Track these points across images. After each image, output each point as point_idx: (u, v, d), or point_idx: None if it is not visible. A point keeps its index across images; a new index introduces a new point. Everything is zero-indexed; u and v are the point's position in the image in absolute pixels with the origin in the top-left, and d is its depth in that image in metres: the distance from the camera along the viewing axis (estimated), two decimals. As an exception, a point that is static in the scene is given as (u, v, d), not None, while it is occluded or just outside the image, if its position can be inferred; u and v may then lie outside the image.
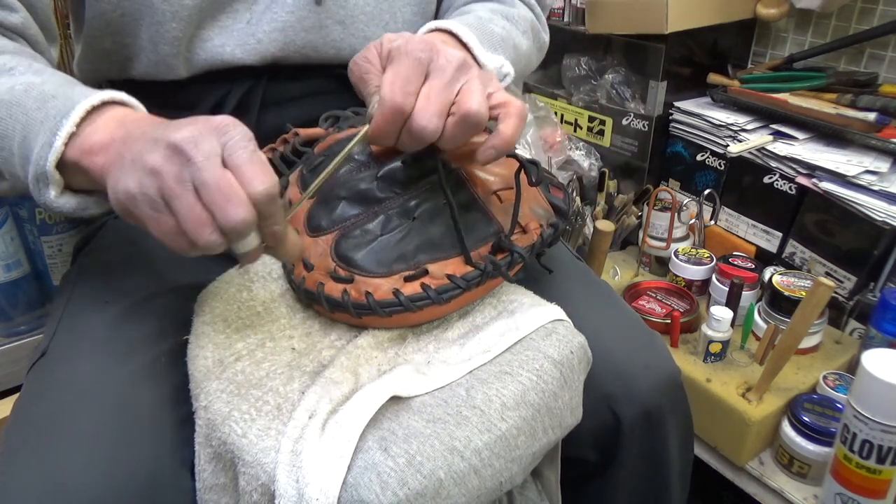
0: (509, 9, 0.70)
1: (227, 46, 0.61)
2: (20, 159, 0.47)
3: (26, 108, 0.46)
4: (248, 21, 0.61)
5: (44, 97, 0.46)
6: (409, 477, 0.40)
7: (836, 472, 0.79)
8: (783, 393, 0.92)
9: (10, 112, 0.47)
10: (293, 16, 0.62)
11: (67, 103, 0.45)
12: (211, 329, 0.50)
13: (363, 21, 0.66)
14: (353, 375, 0.48)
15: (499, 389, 0.46)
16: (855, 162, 1.01)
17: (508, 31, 0.67)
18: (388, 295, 0.49)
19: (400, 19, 0.69)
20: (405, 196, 0.52)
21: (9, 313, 1.13)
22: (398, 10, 0.68)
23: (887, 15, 1.12)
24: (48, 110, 0.46)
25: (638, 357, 0.59)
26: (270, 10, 0.62)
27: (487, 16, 0.66)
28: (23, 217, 1.09)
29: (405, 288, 0.49)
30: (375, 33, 0.67)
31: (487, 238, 0.52)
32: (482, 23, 0.64)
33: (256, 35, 0.62)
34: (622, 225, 1.25)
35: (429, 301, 0.49)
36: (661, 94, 1.23)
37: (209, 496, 0.46)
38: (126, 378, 0.49)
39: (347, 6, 0.65)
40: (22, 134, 0.46)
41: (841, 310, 1.04)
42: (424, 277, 0.50)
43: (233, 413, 0.44)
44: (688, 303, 1.10)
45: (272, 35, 0.62)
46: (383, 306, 0.49)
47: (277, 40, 0.62)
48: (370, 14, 0.66)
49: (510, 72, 0.62)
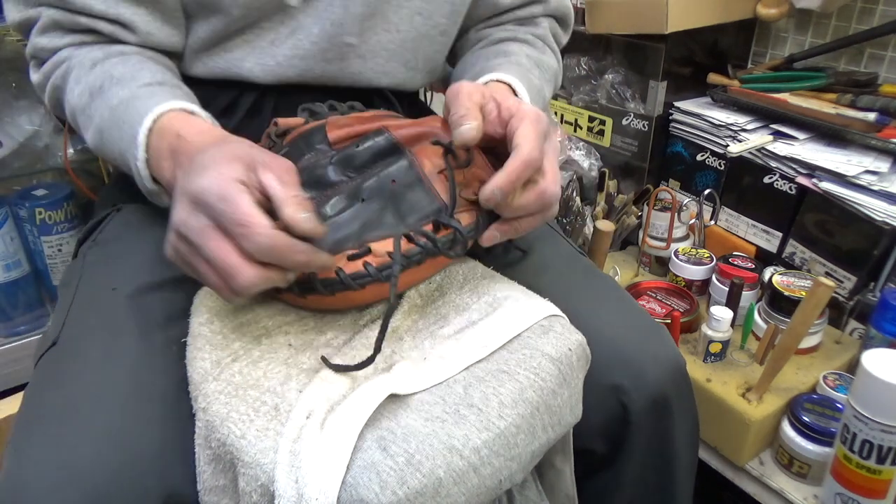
0: (540, 55, 0.73)
1: (247, 62, 0.63)
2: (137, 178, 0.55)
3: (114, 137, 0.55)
4: (272, 42, 0.62)
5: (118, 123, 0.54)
6: (409, 476, 0.40)
7: (836, 472, 0.79)
8: (783, 393, 0.92)
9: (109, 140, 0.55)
10: (316, 46, 0.63)
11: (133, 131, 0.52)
12: (207, 329, 0.50)
13: (384, 57, 0.67)
14: (350, 375, 0.48)
15: (496, 388, 0.46)
16: (855, 162, 1.01)
17: (540, 80, 0.69)
18: (331, 274, 0.49)
19: (421, 58, 0.70)
20: (357, 179, 0.53)
21: (9, 313, 1.13)
22: (421, 50, 0.69)
23: (887, 15, 1.12)
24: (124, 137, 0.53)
25: (645, 348, 0.59)
26: (295, 35, 0.62)
27: (527, 63, 0.68)
28: (23, 217, 1.10)
29: (347, 267, 0.49)
30: (395, 69, 0.68)
31: (430, 216, 0.52)
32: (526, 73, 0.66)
33: (277, 58, 0.63)
34: (622, 225, 1.25)
35: (369, 279, 0.49)
36: (661, 94, 1.23)
37: (210, 498, 0.46)
38: (136, 365, 0.49)
39: (370, 42, 0.65)
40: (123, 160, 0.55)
41: (841, 310, 1.04)
42: (367, 256, 0.50)
43: (231, 414, 0.44)
44: (688, 303, 1.10)
45: (292, 60, 0.63)
46: (325, 285, 0.49)
47: (296, 66, 0.63)
48: (392, 51, 0.67)
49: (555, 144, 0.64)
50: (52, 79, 0.60)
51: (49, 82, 0.61)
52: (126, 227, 0.64)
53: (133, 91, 0.54)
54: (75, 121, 0.59)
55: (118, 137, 0.54)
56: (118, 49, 0.59)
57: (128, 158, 0.53)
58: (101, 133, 0.56)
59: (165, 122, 0.52)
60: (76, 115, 0.58)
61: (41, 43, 0.60)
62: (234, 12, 0.59)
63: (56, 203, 1.10)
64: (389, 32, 0.66)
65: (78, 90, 0.57)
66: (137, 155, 0.52)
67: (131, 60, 0.58)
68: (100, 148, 0.57)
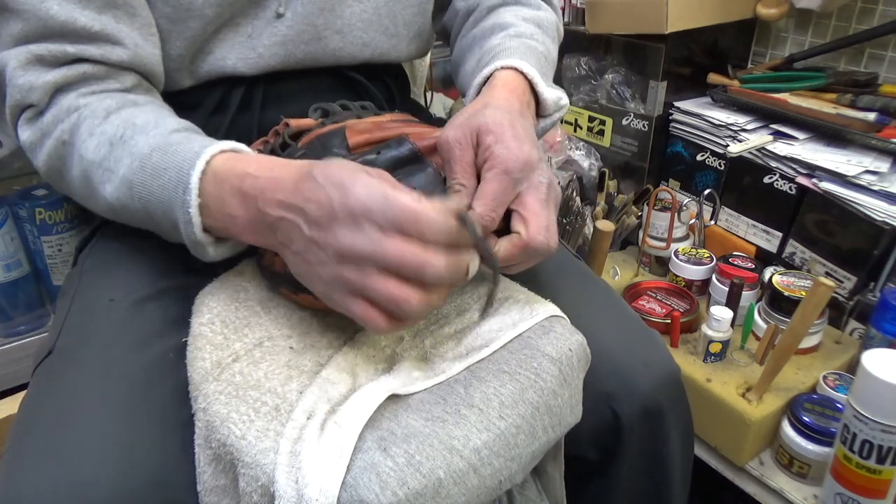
0: (536, 12, 0.70)
1: (229, 60, 0.62)
2: (172, 230, 0.50)
3: (150, 187, 0.49)
4: (249, 35, 0.62)
5: (157, 171, 0.49)
6: (409, 476, 0.40)
7: (836, 472, 0.79)
8: (783, 393, 0.92)
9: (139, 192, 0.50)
10: (292, 30, 0.63)
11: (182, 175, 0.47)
12: (208, 330, 0.50)
13: (361, 28, 0.67)
14: (351, 375, 0.48)
15: (497, 388, 0.46)
16: (855, 162, 1.01)
17: (543, 42, 0.67)
18: None
19: (400, 22, 0.69)
20: None
21: (9, 313, 1.13)
22: (398, 14, 0.69)
23: (887, 15, 1.12)
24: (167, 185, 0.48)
25: (637, 355, 0.59)
26: (271, 24, 0.62)
27: (526, 29, 0.66)
28: (23, 217, 1.10)
29: None
30: (375, 38, 0.68)
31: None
32: (528, 46, 0.63)
33: (257, 49, 0.62)
34: (622, 225, 1.25)
35: None
36: (661, 94, 1.23)
37: (210, 498, 0.46)
38: (133, 375, 0.49)
39: (344, 16, 0.65)
40: (161, 211, 0.49)
41: (841, 310, 1.04)
42: None
43: (231, 415, 0.44)
44: (688, 303, 1.10)
45: (272, 49, 0.63)
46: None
47: (277, 54, 0.63)
48: (368, 21, 0.67)
49: (566, 103, 0.63)
50: (55, 134, 0.53)
51: (50, 139, 0.54)
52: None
53: (166, 138, 0.50)
54: (87, 180, 0.53)
55: (157, 186, 0.48)
56: (131, 99, 0.55)
57: (173, 207, 0.48)
58: (131, 186, 0.50)
59: (219, 165, 0.47)
60: (90, 171, 0.52)
61: (27, 82, 0.52)
62: (209, 12, 0.58)
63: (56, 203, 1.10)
64: (361, 2, 0.66)
65: (93, 143, 0.51)
66: (190, 201, 0.47)
67: (148, 109, 0.54)
68: (125, 203, 0.51)
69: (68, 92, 0.54)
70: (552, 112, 0.62)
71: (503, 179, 0.48)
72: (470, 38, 0.70)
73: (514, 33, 0.65)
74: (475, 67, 0.64)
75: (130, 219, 0.54)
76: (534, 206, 0.49)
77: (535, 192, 0.49)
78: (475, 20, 0.72)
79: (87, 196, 0.54)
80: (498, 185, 0.48)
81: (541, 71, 0.61)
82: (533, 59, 0.61)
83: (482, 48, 0.66)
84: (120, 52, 0.55)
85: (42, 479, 0.42)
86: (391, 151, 0.53)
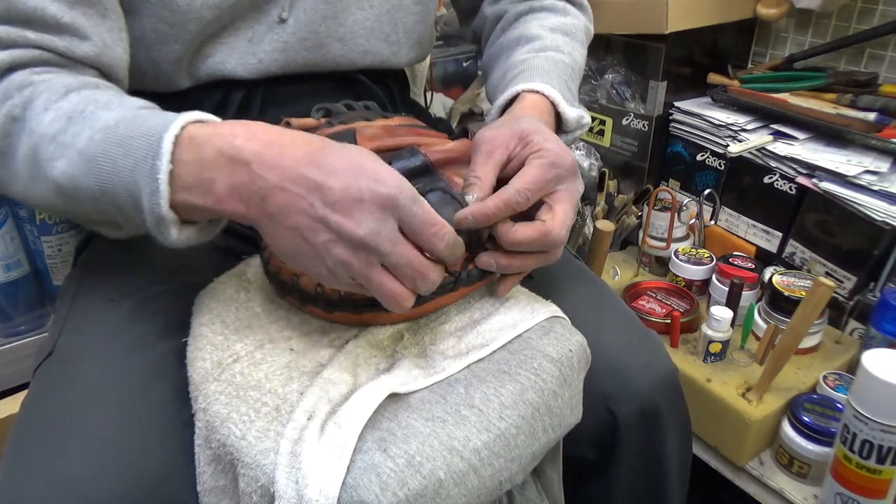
0: (563, 20, 0.71)
1: (229, 64, 0.62)
2: (133, 210, 0.45)
3: (112, 156, 0.45)
4: (250, 40, 0.62)
5: (122, 140, 0.44)
6: (409, 477, 0.40)
7: (836, 472, 0.79)
8: (783, 393, 0.92)
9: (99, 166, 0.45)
10: (294, 36, 0.63)
11: (151, 141, 0.43)
12: (209, 330, 0.50)
13: (363, 36, 0.67)
14: (352, 376, 0.48)
15: (497, 389, 0.46)
16: (855, 162, 1.01)
17: (570, 52, 0.68)
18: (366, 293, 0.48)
19: (401, 30, 0.69)
20: None
21: (9, 313, 1.13)
22: (399, 22, 0.69)
23: (887, 15, 1.12)
24: (135, 153, 0.44)
25: (635, 356, 0.59)
26: (272, 29, 0.62)
27: (552, 42, 0.67)
28: (23, 217, 1.09)
29: None
30: (376, 46, 0.68)
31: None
32: (553, 62, 0.64)
33: (258, 55, 0.62)
34: (622, 225, 1.25)
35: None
36: (661, 94, 1.23)
37: (210, 499, 0.46)
38: (133, 376, 0.49)
39: (347, 23, 0.65)
40: (122, 185, 0.44)
41: (841, 310, 1.04)
42: None
43: (231, 415, 0.44)
44: (688, 303, 1.09)
45: (273, 55, 0.63)
46: (356, 304, 0.48)
47: (278, 60, 0.63)
48: (370, 29, 0.67)
49: (588, 121, 0.64)
50: (3, 110, 0.48)
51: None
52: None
53: (133, 112, 0.46)
54: (35, 158, 0.47)
55: (121, 155, 0.44)
56: (93, 81, 0.51)
57: (136, 178, 0.44)
58: (91, 160, 0.45)
59: (196, 130, 0.44)
60: (40, 147, 0.47)
61: None
62: (207, 14, 0.58)
63: (56, 203, 1.10)
64: (363, 10, 0.65)
65: (48, 117, 0.47)
66: (160, 166, 0.42)
67: (112, 90, 0.51)
68: (77, 182, 0.46)
69: (21, 70, 0.50)
70: (573, 129, 0.63)
71: (549, 170, 0.50)
72: (497, 48, 0.71)
73: (540, 47, 0.66)
74: (500, 81, 0.66)
75: (77, 205, 0.48)
76: (564, 204, 0.51)
77: (570, 195, 0.52)
78: (502, 28, 0.73)
79: (31, 179, 0.48)
80: (540, 173, 0.50)
81: (566, 85, 0.62)
82: (555, 75, 0.63)
83: (508, 60, 0.67)
84: (86, 48, 0.52)
85: (42, 479, 0.42)
86: (403, 162, 0.52)
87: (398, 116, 0.64)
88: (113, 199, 0.46)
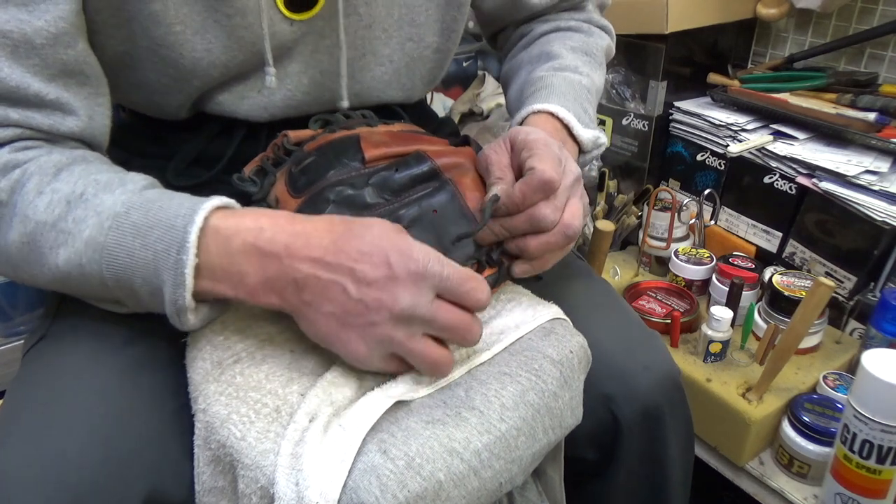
0: (586, 40, 0.71)
1: (239, 110, 0.61)
2: (149, 297, 0.45)
3: (129, 248, 0.44)
4: (260, 90, 0.60)
5: (139, 230, 0.43)
6: (409, 479, 0.40)
7: (836, 472, 0.79)
8: (783, 393, 0.92)
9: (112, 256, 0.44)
10: (309, 96, 0.62)
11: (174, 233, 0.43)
12: (209, 330, 0.50)
13: (379, 89, 0.66)
14: (356, 378, 0.48)
15: (497, 390, 0.46)
16: (855, 162, 1.01)
17: (589, 73, 0.67)
18: None
19: (418, 77, 0.68)
20: (395, 203, 0.51)
21: (9, 313, 1.13)
22: (417, 72, 0.67)
23: (887, 15, 1.12)
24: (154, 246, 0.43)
25: (636, 357, 0.59)
26: (284, 86, 0.60)
27: (571, 62, 0.67)
28: (22, 217, 1.09)
29: None
30: (392, 94, 0.67)
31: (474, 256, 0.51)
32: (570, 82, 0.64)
33: (269, 109, 0.61)
34: (622, 225, 1.25)
35: None
36: (661, 94, 1.23)
37: (208, 499, 0.46)
38: (125, 363, 0.49)
39: (364, 80, 0.64)
40: (140, 276, 0.44)
41: (841, 310, 1.04)
42: None
43: (231, 416, 0.44)
44: (688, 303, 1.09)
45: (285, 110, 0.62)
46: None
47: (291, 109, 0.62)
48: (387, 82, 0.66)
49: (604, 142, 0.64)
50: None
51: None
52: None
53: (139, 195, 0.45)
54: (33, 244, 0.45)
55: (139, 247, 0.43)
56: (80, 154, 0.49)
57: (159, 270, 0.43)
58: (101, 248, 0.44)
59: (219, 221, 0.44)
60: (39, 234, 0.45)
61: None
62: (214, 73, 0.56)
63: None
64: (383, 66, 0.64)
65: (44, 202, 0.45)
66: (185, 261, 0.42)
67: (103, 163, 0.50)
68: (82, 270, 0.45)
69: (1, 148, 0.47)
70: (590, 149, 0.63)
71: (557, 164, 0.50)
72: (517, 62, 0.71)
73: (559, 66, 0.66)
74: (518, 96, 0.66)
75: (80, 289, 0.47)
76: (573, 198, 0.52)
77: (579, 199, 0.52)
78: (526, 43, 0.73)
79: (25, 263, 0.47)
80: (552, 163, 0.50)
81: (581, 106, 0.62)
82: (571, 96, 0.62)
83: (528, 74, 0.67)
84: (71, 123, 0.49)
85: (26, 461, 0.42)
86: (410, 169, 0.52)
87: (399, 123, 0.63)
88: (128, 287, 0.45)
